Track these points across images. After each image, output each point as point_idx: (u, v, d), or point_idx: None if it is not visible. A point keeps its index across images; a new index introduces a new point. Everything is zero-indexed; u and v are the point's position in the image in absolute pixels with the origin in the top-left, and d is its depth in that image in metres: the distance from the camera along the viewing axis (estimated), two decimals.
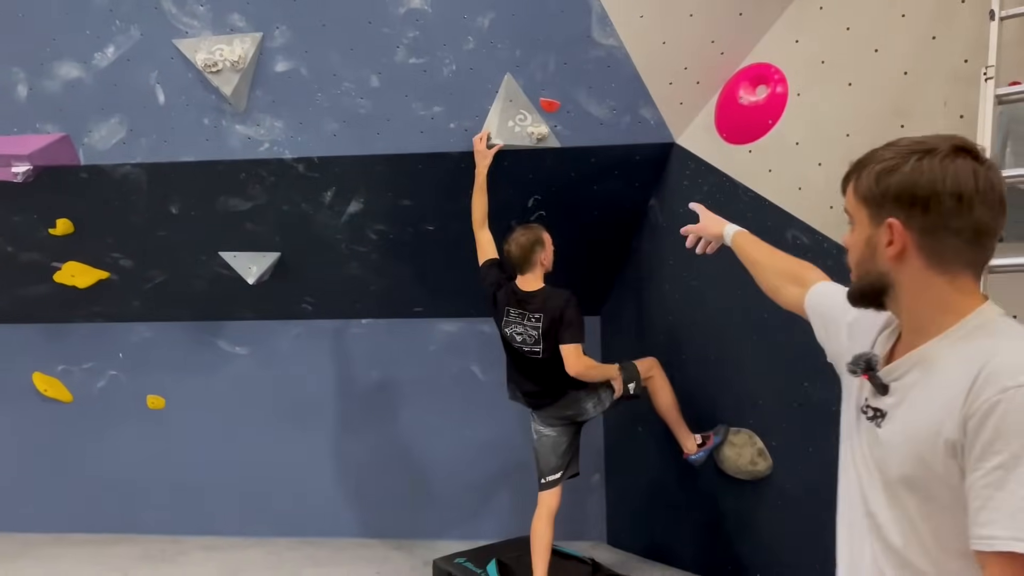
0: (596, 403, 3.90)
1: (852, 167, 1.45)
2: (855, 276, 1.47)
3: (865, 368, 1.44)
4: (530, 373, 3.87)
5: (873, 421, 1.44)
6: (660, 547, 4.79)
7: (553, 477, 3.89)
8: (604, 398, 3.90)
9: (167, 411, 5.63)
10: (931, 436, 1.29)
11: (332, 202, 4.31)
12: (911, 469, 1.34)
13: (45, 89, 3.86)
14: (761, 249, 2.17)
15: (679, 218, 4.10)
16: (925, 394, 1.35)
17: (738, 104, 3.66)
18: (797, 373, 3.74)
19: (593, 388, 3.87)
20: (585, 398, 3.87)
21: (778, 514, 3.96)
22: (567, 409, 3.88)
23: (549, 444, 3.90)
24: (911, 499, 1.35)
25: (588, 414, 3.93)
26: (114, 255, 4.80)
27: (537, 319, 3.72)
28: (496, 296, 3.88)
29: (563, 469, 3.90)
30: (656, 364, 4.03)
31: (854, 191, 1.43)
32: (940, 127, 3.08)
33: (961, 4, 3.10)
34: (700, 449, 3.98)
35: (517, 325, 3.78)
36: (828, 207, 3.45)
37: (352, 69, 3.74)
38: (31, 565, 5.06)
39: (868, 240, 1.41)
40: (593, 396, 3.88)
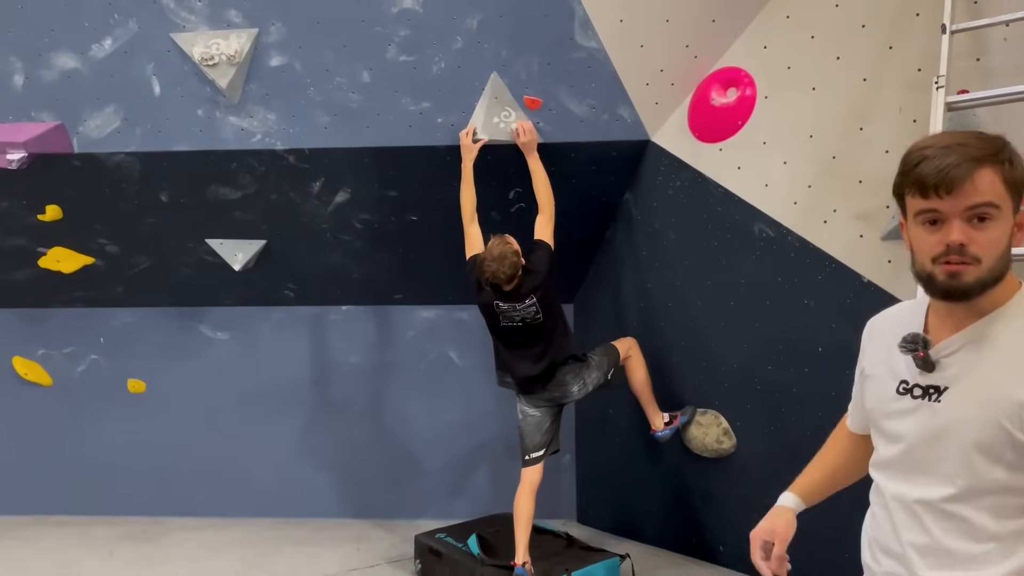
0: (581, 387, 4.12)
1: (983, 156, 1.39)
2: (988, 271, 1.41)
3: (924, 346, 1.49)
4: (526, 351, 4.04)
5: (926, 398, 1.51)
6: (629, 524, 5.03)
7: (537, 454, 4.11)
8: (588, 383, 4.12)
9: (148, 395, 5.72)
10: (1007, 401, 1.38)
11: (320, 192, 4.46)
12: (988, 434, 1.40)
13: (41, 79, 3.95)
14: (823, 471, 1.99)
15: (653, 211, 4.36)
16: (991, 365, 1.42)
17: (710, 105, 3.91)
18: (761, 358, 4.01)
19: (578, 372, 4.09)
20: (571, 381, 4.09)
21: (741, 489, 4.22)
22: (554, 391, 4.10)
23: (534, 423, 4.12)
24: (980, 460, 1.42)
25: (572, 396, 4.15)
26: (100, 241, 4.89)
27: (531, 300, 3.92)
28: (481, 290, 4.03)
29: (546, 446, 4.13)
30: (634, 344, 4.27)
31: (1004, 180, 1.39)
32: (895, 130, 3.39)
33: (916, 18, 3.38)
34: (667, 427, 4.23)
35: (510, 311, 3.96)
36: (792, 203, 3.73)
37: (345, 65, 3.90)
38: (16, 546, 5.14)
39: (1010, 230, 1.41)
40: (579, 380, 4.10)
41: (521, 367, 4.10)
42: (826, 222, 3.61)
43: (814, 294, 3.70)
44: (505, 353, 4.18)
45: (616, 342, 4.26)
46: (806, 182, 3.68)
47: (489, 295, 3.97)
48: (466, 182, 4.05)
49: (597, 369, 4.17)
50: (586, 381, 4.15)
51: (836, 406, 3.54)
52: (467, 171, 4.04)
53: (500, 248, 3.81)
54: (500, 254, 3.79)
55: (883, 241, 3.45)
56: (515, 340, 4.08)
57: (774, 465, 4.02)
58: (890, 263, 3.43)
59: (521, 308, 3.93)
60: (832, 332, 3.66)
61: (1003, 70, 3.15)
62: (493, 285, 3.87)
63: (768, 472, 4.06)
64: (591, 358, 4.19)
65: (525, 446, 4.17)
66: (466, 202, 4.07)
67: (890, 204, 3.41)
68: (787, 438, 3.97)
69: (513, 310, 3.94)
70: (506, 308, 3.95)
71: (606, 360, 4.18)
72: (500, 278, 3.80)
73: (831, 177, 3.60)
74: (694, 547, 4.59)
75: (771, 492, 3.88)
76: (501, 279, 3.81)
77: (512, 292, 3.89)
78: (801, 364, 3.84)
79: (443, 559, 4.33)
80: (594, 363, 4.18)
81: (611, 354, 4.19)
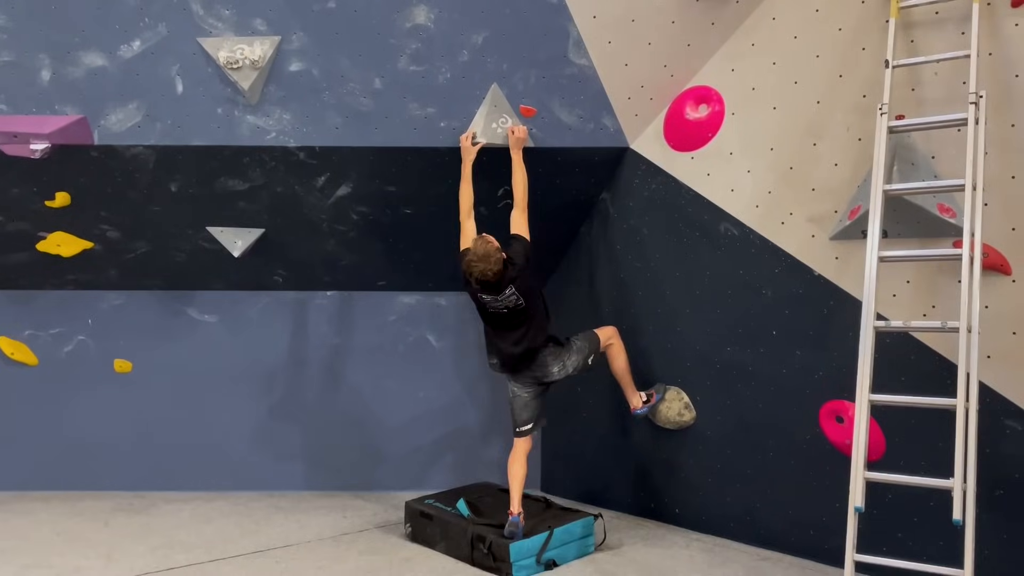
0: (560, 368, 4.57)
1: None
2: None
3: None
4: (511, 333, 4.44)
5: None
6: (593, 491, 5.52)
7: (526, 427, 4.59)
8: (568, 365, 4.57)
9: (134, 375, 5.93)
10: None
11: (323, 186, 4.82)
12: None
13: (68, 75, 4.20)
14: None
15: (629, 210, 4.88)
16: None
17: (684, 118, 4.44)
18: (721, 340, 4.57)
19: (558, 355, 4.56)
20: (551, 363, 4.55)
21: (700, 458, 4.79)
22: (536, 371, 4.56)
23: (522, 403, 4.59)
24: None
25: (552, 376, 4.59)
26: (103, 227, 5.13)
27: (513, 292, 4.34)
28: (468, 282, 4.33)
29: (534, 421, 4.61)
30: (615, 333, 4.74)
31: None
32: (843, 146, 3.99)
33: (862, 52, 3.98)
34: (644, 405, 4.74)
35: (495, 302, 4.37)
36: (755, 206, 4.30)
37: (358, 72, 4.27)
38: (10, 518, 5.27)
39: None
40: (558, 362, 4.56)
41: (505, 347, 4.52)
42: (783, 223, 4.19)
43: (771, 285, 4.27)
44: (492, 335, 4.60)
45: (598, 330, 4.72)
46: (767, 188, 4.25)
47: (474, 287, 4.37)
48: (465, 181, 4.46)
49: (578, 354, 4.61)
50: (566, 363, 4.58)
51: (785, 382, 4.20)
52: (467, 171, 4.46)
53: (484, 247, 4.16)
54: (484, 253, 4.14)
55: (831, 241, 4.04)
56: (500, 323, 4.48)
57: (728, 435, 4.62)
58: (837, 259, 4.02)
59: (502, 299, 4.33)
60: (786, 318, 4.25)
61: (934, 100, 3.76)
62: (480, 281, 4.26)
63: (723, 441, 4.66)
64: (573, 342, 4.64)
65: (516, 420, 4.64)
66: (464, 199, 4.47)
67: (838, 209, 4.02)
68: (742, 410, 4.54)
69: (495, 300, 4.35)
70: (488, 300, 4.37)
71: (587, 346, 4.63)
72: (488, 275, 4.15)
73: (788, 185, 4.18)
74: (653, 511, 5.12)
75: (725, 458, 4.51)
76: (488, 276, 4.16)
77: (494, 284, 4.27)
78: (757, 345, 4.41)
79: (434, 521, 4.72)
80: (575, 347, 4.62)
81: (592, 341, 4.65)
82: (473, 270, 4.17)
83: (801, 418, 4.21)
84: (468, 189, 4.48)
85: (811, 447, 4.20)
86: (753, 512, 4.53)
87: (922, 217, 3.68)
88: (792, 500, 4.34)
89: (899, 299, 3.77)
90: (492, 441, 6.10)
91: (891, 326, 3.49)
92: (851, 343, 3.63)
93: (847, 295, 3.95)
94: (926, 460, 3.58)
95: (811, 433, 4.18)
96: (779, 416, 4.32)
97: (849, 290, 3.95)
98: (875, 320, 3.43)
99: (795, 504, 4.33)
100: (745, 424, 4.55)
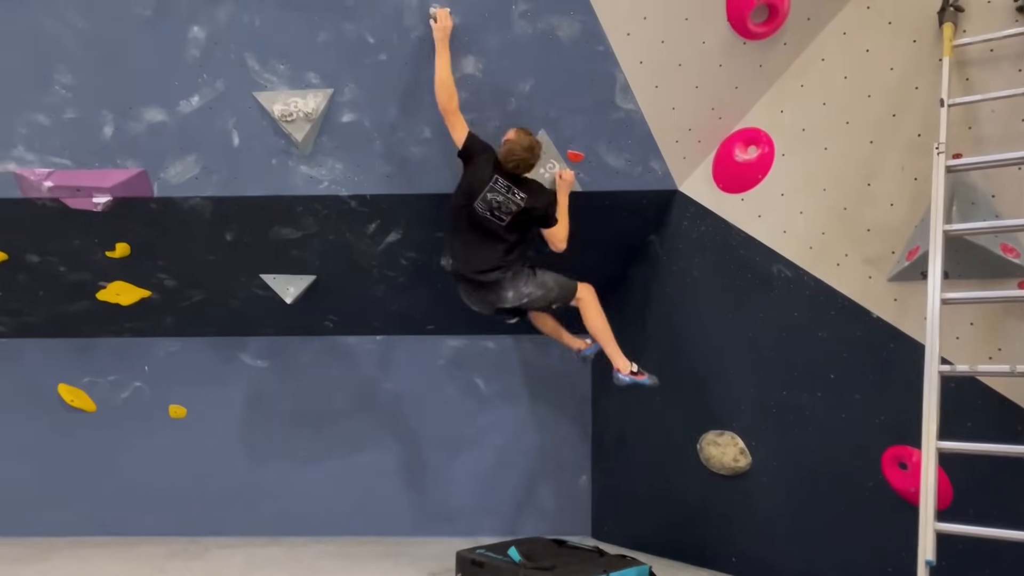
0: (515, 295, 4.40)
1: None
2: None
3: None
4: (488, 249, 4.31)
5: None
6: (645, 538, 5.41)
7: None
8: (524, 294, 4.39)
9: (188, 420, 6.05)
10: None
11: (374, 233, 4.89)
12: None
13: (130, 130, 4.33)
14: None
15: (678, 252, 4.85)
16: None
17: (733, 160, 4.42)
18: (777, 383, 4.48)
19: (517, 280, 4.38)
20: (508, 287, 4.38)
21: (756, 506, 4.67)
22: (489, 294, 4.42)
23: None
24: None
25: (506, 302, 4.41)
26: (160, 276, 5.26)
27: (522, 198, 4.26)
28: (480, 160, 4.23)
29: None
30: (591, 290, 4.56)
31: None
32: (899, 187, 3.93)
33: (915, 91, 3.93)
34: (631, 375, 4.42)
35: (499, 194, 4.23)
36: (808, 247, 4.24)
37: (408, 122, 4.34)
38: (64, 563, 5.35)
39: None
40: (515, 288, 4.38)
41: (470, 257, 4.35)
42: (839, 265, 4.12)
43: (827, 328, 4.19)
44: (463, 237, 4.36)
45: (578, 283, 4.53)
46: (820, 229, 4.19)
47: (489, 171, 4.22)
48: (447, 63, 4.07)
49: (540, 288, 4.40)
50: (522, 291, 4.38)
51: (845, 427, 4.09)
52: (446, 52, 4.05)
53: (528, 140, 4.19)
54: (529, 144, 4.18)
55: (890, 282, 3.96)
56: (478, 229, 4.30)
57: (787, 482, 4.50)
58: (896, 301, 3.94)
59: (510, 196, 4.23)
60: (844, 361, 4.15)
61: (992, 138, 3.69)
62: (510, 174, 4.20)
63: (781, 488, 4.54)
64: (539, 273, 4.44)
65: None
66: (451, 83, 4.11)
67: (895, 250, 3.94)
68: (799, 456, 4.43)
69: (502, 192, 4.22)
70: (500, 188, 4.22)
71: (556, 286, 4.44)
72: (520, 169, 4.20)
73: (842, 226, 4.12)
74: (708, 559, 4.98)
75: (782, 506, 4.39)
76: (521, 169, 4.20)
77: (520, 181, 4.25)
78: (814, 389, 4.31)
79: (485, 568, 4.67)
80: (539, 280, 4.42)
81: (563, 286, 4.46)
82: (512, 153, 4.16)
83: (863, 464, 4.09)
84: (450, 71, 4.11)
85: (874, 495, 4.07)
86: (814, 561, 4.39)
87: (984, 257, 3.59)
88: (855, 549, 4.20)
89: (963, 342, 3.67)
90: (542, 486, 6.06)
91: (957, 370, 3.39)
92: (913, 387, 3.52)
93: (908, 338, 3.86)
94: (997, 508, 3.45)
95: (874, 480, 4.05)
96: (839, 462, 4.21)
97: (910, 332, 3.85)
98: (939, 364, 3.33)
99: (858, 553, 4.19)
100: (803, 470, 4.43)
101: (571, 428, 6.06)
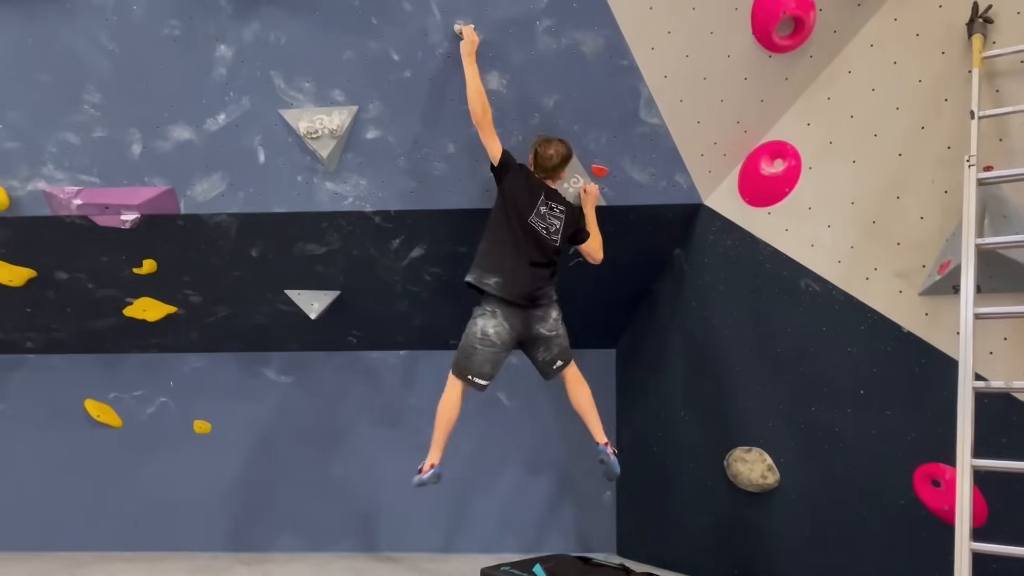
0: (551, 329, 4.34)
1: None
2: None
3: None
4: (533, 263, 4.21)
5: None
6: (671, 556, 5.34)
7: (486, 383, 4.31)
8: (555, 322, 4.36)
9: (213, 436, 6.07)
10: None
11: (398, 248, 4.90)
12: None
13: (157, 148, 4.38)
14: None
15: (704, 266, 4.81)
16: None
17: (759, 174, 4.39)
18: (805, 398, 4.42)
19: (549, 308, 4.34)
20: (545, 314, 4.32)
21: (785, 523, 4.59)
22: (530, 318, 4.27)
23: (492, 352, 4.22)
24: None
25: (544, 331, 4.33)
26: (186, 292, 5.29)
27: (561, 211, 4.30)
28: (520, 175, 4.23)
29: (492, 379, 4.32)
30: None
31: None
32: (929, 200, 3.87)
33: (944, 103, 3.89)
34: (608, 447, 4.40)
35: (549, 216, 4.25)
36: (836, 261, 4.19)
37: (433, 137, 4.35)
38: None
39: None
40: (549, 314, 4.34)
41: (520, 275, 4.18)
42: (868, 279, 4.07)
43: (857, 343, 4.13)
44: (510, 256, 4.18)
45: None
46: (849, 243, 4.14)
47: (535, 187, 4.23)
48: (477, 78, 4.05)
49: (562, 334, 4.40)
50: (553, 320, 4.34)
51: (876, 443, 4.03)
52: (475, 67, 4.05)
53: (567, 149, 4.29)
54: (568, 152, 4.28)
55: (921, 296, 3.91)
56: (528, 248, 4.21)
57: (817, 499, 4.42)
58: (927, 315, 3.88)
59: (554, 214, 4.25)
60: (874, 376, 4.09)
61: (1023, 150, 3.64)
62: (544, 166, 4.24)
63: (811, 505, 4.46)
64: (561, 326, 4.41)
65: (476, 370, 4.24)
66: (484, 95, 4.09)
67: (926, 264, 3.89)
68: (829, 474, 4.37)
69: (551, 209, 4.25)
70: (544, 211, 4.23)
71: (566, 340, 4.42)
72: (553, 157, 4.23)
73: (872, 239, 4.07)
74: None
75: (811, 523, 4.32)
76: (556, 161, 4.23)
77: (553, 191, 4.29)
78: (844, 405, 4.25)
79: None
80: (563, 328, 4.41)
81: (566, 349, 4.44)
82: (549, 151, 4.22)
83: (894, 482, 4.02)
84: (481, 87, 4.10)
85: (906, 512, 4.00)
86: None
87: (1018, 271, 3.53)
88: (887, 567, 4.12)
89: (996, 357, 3.61)
90: (566, 501, 6.02)
91: (991, 387, 3.33)
92: (945, 403, 3.47)
93: (940, 353, 3.80)
94: None
95: (905, 498, 3.98)
96: (870, 479, 4.14)
97: (942, 347, 3.80)
98: (973, 380, 3.28)
99: (889, 572, 4.12)
100: (833, 487, 4.37)
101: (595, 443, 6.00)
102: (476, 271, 4.22)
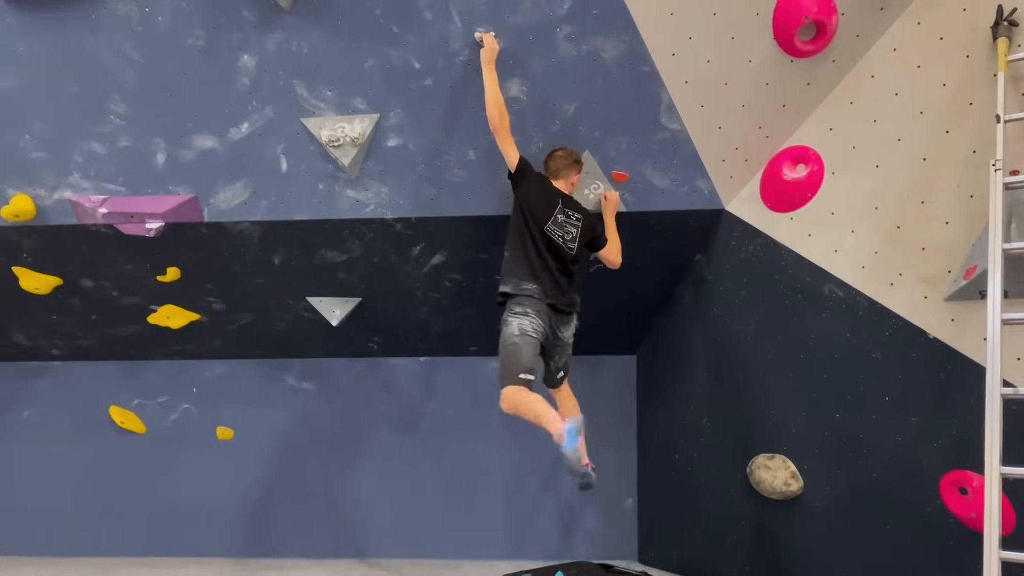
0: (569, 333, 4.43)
1: None
2: None
3: None
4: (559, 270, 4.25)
5: None
6: (692, 563, 5.33)
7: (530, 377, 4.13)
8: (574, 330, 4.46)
9: (235, 442, 6.12)
10: None
11: (419, 255, 4.91)
12: None
13: (181, 157, 4.42)
14: None
15: (725, 272, 4.79)
16: None
17: (781, 179, 4.36)
18: (829, 405, 4.38)
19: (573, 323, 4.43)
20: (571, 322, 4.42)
21: (809, 530, 4.55)
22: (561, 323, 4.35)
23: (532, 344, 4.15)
24: None
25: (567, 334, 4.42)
26: (209, 299, 5.34)
27: (578, 219, 4.30)
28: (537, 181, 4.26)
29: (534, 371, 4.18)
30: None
31: None
32: (954, 204, 3.83)
33: (969, 107, 3.85)
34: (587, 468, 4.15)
35: (566, 224, 4.26)
36: (860, 267, 4.15)
37: (453, 145, 4.36)
38: None
39: None
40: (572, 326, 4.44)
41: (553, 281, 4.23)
42: (892, 284, 4.03)
43: (881, 349, 4.09)
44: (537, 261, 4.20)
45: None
46: (873, 248, 4.11)
47: (552, 193, 4.27)
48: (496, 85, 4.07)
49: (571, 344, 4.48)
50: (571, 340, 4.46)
51: (901, 450, 3.98)
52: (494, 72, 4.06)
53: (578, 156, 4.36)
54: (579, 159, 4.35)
55: (946, 302, 3.86)
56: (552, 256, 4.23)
57: (841, 507, 4.38)
58: (953, 321, 3.84)
59: (570, 222, 4.27)
60: (899, 383, 4.05)
61: None
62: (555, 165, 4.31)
63: (835, 513, 4.42)
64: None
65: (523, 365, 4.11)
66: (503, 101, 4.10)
67: (951, 269, 3.85)
68: (854, 480, 4.32)
69: (568, 217, 4.27)
70: (562, 215, 4.25)
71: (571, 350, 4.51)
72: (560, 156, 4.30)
73: (896, 244, 4.03)
74: None
75: (836, 531, 4.27)
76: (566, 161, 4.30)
77: (568, 197, 4.31)
78: (868, 412, 4.21)
79: None
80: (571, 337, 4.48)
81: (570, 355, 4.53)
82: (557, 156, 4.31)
83: (920, 489, 3.97)
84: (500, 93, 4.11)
85: (932, 520, 3.95)
86: None
87: None
88: None
89: None
90: (588, 509, 6.00)
91: (1020, 393, 3.29)
92: (972, 409, 3.43)
93: (966, 359, 3.75)
94: None
95: (932, 506, 3.94)
96: (896, 487, 4.09)
97: (968, 354, 3.75)
98: (1002, 387, 3.23)
99: None
100: (858, 495, 4.32)
101: (616, 450, 6.00)
102: (511, 280, 4.21)
